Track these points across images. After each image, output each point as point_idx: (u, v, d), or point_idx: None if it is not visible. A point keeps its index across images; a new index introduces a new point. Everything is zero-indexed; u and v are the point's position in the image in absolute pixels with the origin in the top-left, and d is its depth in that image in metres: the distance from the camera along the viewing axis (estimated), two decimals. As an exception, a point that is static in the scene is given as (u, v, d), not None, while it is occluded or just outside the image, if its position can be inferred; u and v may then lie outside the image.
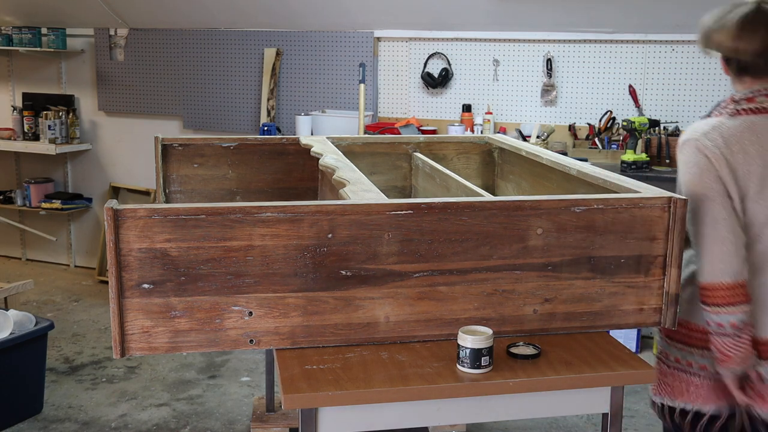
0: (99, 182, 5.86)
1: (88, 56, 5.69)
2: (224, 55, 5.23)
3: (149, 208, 1.77)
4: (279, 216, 1.82)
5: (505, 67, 4.71)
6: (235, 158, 3.07)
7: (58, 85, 5.83)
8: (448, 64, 4.78)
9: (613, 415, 1.88)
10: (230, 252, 1.81)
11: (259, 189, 3.10)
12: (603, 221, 1.97)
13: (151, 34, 5.43)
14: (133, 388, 3.91)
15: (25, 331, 3.46)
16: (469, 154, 3.20)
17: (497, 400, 1.83)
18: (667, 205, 1.99)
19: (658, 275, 2.01)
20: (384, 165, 3.13)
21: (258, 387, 3.92)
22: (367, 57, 4.85)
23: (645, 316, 2.03)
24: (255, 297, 1.84)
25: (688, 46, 4.36)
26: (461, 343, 1.80)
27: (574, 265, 1.98)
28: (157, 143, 2.97)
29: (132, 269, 1.78)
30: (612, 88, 4.54)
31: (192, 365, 4.18)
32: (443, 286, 1.93)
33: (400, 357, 1.88)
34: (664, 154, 4.24)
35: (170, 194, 3.05)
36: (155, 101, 5.51)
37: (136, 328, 1.81)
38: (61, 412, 3.64)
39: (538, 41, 4.62)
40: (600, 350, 1.94)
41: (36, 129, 5.61)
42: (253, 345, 1.88)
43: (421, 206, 1.89)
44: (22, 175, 6.01)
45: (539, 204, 1.94)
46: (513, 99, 4.74)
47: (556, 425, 3.51)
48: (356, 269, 1.88)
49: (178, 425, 3.54)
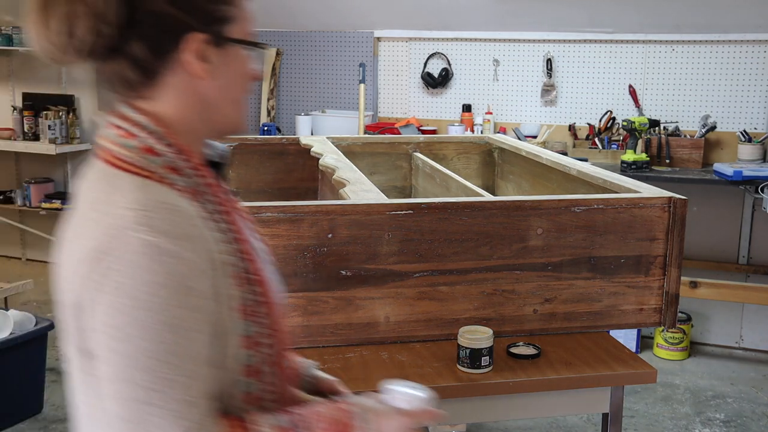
0: (99, 182, 5.85)
1: (88, 56, 5.69)
2: (224, 55, 5.23)
3: (149, 208, 1.77)
4: (279, 216, 1.82)
5: (505, 67, 4.71)
6: (235, 158, 3.07)
7: (58, 85, 5.82)
8: (448, 64, 4.78)
9: (613, 415, 1.88)
10: (230, 252, 1.81)
11: (259, 189, 3.10)
12: (603, 221, 1.97)
13: (151, 34, 5.42)
14: (133, 388, 3.90)
15: (25, 331, 3.46)
16: (469, 154, 3.20)
17: (497, 400, 1.83)
18: (667, 205, 1.99)
19: (658, 275, 2.01)
20: (384, 165, 3.13)
21: (258, 387, 3.91)
22: (367, 57, 4.85)
23: (645, 316, 2.03)
24: (255, 297, 1.84)
25: (688, 46, 4.36)
26: (461, 343, 1.81)
27: (574, 265, 1.98)
28: (157, 143, 2.97)
29: (132, 269, 1.78)
30: (612, 88, 4.54)
31: (192, 365, 4.17)
32: (443, 286, 1.93)
33: (400, 357, 1.88)
34: (664, 154, 4.24)
35: (170, 194, 3.04)
36: (155, 101, 5.51)
37: (136, 328, 1.81)
38: (61, 412, 3.64)
39: (538, 41, 4.62)
40: (600, 350, 1.94)
41: (36, 129, 5.61)
42: (253, 345, 1.88)
43: (421, 206, 1.89)
44: (22, 175, 6.01)
45: (539, 204, 1.94)
46: (513, 99, 4.73)
47: (556, 425, 3.51)
48: (356, 269, 1.88)
49: (178, 425, 3.54)
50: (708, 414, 3.68)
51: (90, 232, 0.95)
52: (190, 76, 1.01)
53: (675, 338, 4.29)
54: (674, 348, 4.30)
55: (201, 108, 1.03)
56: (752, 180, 3.86)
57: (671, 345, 4.30)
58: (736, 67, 4.28)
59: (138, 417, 0.91)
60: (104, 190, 0.98)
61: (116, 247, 0.92)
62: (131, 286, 0.91)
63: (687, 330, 4.32)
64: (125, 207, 0.94)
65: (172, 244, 0.93)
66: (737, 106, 4.32)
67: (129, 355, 0.91)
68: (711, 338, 4.51)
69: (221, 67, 1.02)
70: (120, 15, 0.95)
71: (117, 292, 0.91)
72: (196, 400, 0.93)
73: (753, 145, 4.17)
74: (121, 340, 0.91)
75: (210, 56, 1.00)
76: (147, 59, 0.98)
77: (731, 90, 4.32)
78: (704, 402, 3.80)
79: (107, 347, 0.93)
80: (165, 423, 0.91)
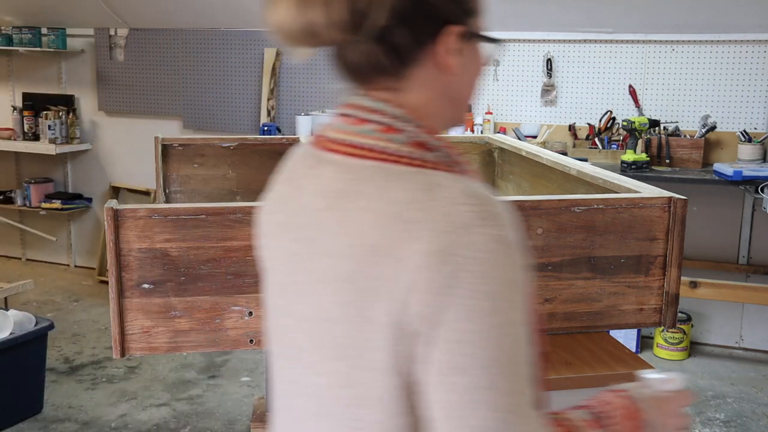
0: (99, 182, 5.85)
1: (88, 56, 5.69)
2: (224, 55, 5.23)
3: (149, 208, 1.77)
4: (279, 216, 1.82)
5: (505, 67, 4.71)
6: (235, 158, 3.06)
7: (58, 85, 5.82)
8: (448, 64, 4.77)
9: (613, 415, 1.88)
10: (230, 252, 1.81)
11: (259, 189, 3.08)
12: (603, 221, 1.97)
13: (151, 34, 5.43)
14: (133, 388, 3.91)
15: (25, 331, 3.46)
16: (469, 154, 3.20)
17: (497, 400, 1.83)
18: (667, 205, 1.99)
19: (658, 275, 2.01)
20: (384, 165, 3.12)
21: (258, 387, 3.92)
22: (367, 57, 4.85)
23: (645, 316, 2.03)
24: (255, 297, 1.84)
25: (688, 46, 4.36)
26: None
27: (574, 265, 1.98)
28: (157, 143, 2.97)
29: (132, 269, 1.78)
30: (612, 88, 4.54)
31: (192, 365, 4.18)
32: (443, 286, 1.92)
33: (400, 357, 1.88)
34: (664, 154, 4.25)
35: (170, 194, 3.05)
36: (155, 101, 5.51)
37: (136, 328, 1.81)
38: (61, 412, 3.64)
39: (538, 41, 4.62)
40: (600, 350, 1.94)
41: (36, 129, 5.61)
42: (253, 345, 1.88)
43: (421, 206, 1.89)
44: (22, 175, 6.01)
45: (539, 204, 1.94)
46: (513, 99, 4.73)
47: (556, 425, 3.51)
48: (356, 269, 1.88)
49: (178, 425, 3.54)
50: (708, 414, 3.68)
51: (416, 234, 0.85)
52: (438, 68, 0.96)
53: (675, 338, 4.29)
54: (674, 348, 4.30)
55: (442, 102, 0.99)
56: (752, 180, 3.87)
57: (671, 345, 4.31)
58: (736, 67, 4.28)
59: (505, 425, 0.83)
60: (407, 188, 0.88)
61: (464, 245, 0.83)
62: (487, 286, 0.83)
63: (687, 330, 4.32)
64: (460, 203, 0.86)
65: (513, 235, 0.87)
66: (737, 106, 4.33)
67: (492, 360, 0.83)
68: (711, 338, 4.51)
69: (466, 62, 0.98)
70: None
71: (472, 295, 0.83)
72: (534, 400, 0.88)
73: (753, 145, 4.17)
74: (481, 346, 0.83)
75: (460, 50, 0.96)
76: (406, 46, 0.93)
77: (731, 90, 4.32)
78: (704, 402, 3.80)
79: (461, 354, 0.83)
80: (530, 427, 0.85)
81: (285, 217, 1.01)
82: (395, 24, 0.91)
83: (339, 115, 1.00)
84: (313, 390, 0.96)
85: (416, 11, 0.92)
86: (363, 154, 0.93)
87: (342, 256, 0.89)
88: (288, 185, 1.04)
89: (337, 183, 0.93)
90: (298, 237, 0.97)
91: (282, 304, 1.01)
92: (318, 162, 0.98)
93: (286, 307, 1.00)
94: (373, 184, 0.90)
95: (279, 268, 1.02)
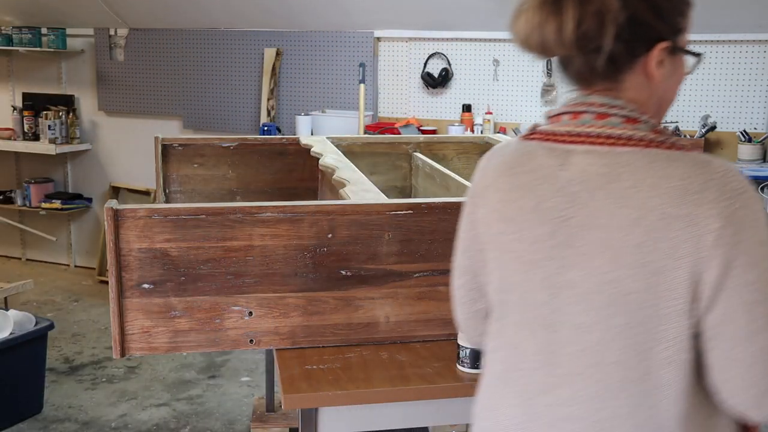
0: (99, 182, 5.86)
1: (88, 56, 5.69)
2: (224, 55, 5.23)
3: (149, 208, 1.77)
4: (279, 216, 1.82)
5: (505, 67, 4.71)
6: (235, 158, 3.07)
7: (58, 85, 5.82)
8: (448, 64, 4.78)
9: (613, 415, 1.88)
10: (230, 252, 1.81)
11: (259, 189, 3.10)
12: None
13: (151, 34, 5.43)
14: (133, 388, 3.91)
15: (25, 331, 3.46)
16: (469, 154, 3.20)
17: (497, 400, 1.83)
18: (667, 205, 1.99)
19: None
20: (384, 165, 3.13)
21: (258, 387, 3.92)
22: (367, 57, 4.85)
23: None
24: (255, 297, 1.84)
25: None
26: (461, 343, 1.80)
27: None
28: (157, 143, 2.97)
29: (132, 269, 1.78)
30: (612, 88, 4.53)
31: (192, 365, 4.18)
32: (443, 286, 1.92)
33: (400, 357, 1.88)
34: (664, 154, 4.24)
35: (170, 194, 3.05)
36: (155, 101, 5.51)
37: (136, 328, 1.81)
38: (61, 412, 3.64)
39: (538, 41, 4.62)
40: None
41: (36, 129, 5.61)
42: (253, 345, 1.88)
43: (421, 206, 1.90)
44: (22, 175, 6.01)
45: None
46: (513, 99, 4.73)
47: (556, 425, 3.51)
48: (356, 269, 1.88)
49: (178, 425, 3.54)
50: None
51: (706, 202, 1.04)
52: (647, 77, 1.13)
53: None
54: None
55: (650, 102, 1.15)
56: (752, 180, 3.86)
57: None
58: (736, 67, 4.28)
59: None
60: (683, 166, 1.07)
61: (741, 207, 1.04)
62: (761, 236, 1.05)
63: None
64: (730, 175, 1.06)
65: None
66: (737, 106, 4.33)
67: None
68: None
69: (671, 71, 1.15)
70: (621, 18, 1.08)
71: (753, 245, 1.04)
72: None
73: (753, 145, 4.17)
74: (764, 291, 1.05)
75: (666, 62, 1.13)
76: (622, 58, 1.11)
77: (731, 90, 4.32)
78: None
79: (745, 302, 1.04)
80: None
81: (534, 201, 1.15)
82: (614, 42, 1.09)
83: (560, 114, 1.17)
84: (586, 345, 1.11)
85: (633, 31, 1.09)
86: (615, 143, 1.10)
87: (623, 227, 1.06)
88: (521, 177, 1.18)
89: (600, 168, 1.10)
90: (559, 217, 1.12)
91: (537, 278, 1.14)
92: (566, 153, 1.14)
93: (545, 278, 1.13)
94: (642, 166, 1.07)
95: (528, 248, 1.16)
